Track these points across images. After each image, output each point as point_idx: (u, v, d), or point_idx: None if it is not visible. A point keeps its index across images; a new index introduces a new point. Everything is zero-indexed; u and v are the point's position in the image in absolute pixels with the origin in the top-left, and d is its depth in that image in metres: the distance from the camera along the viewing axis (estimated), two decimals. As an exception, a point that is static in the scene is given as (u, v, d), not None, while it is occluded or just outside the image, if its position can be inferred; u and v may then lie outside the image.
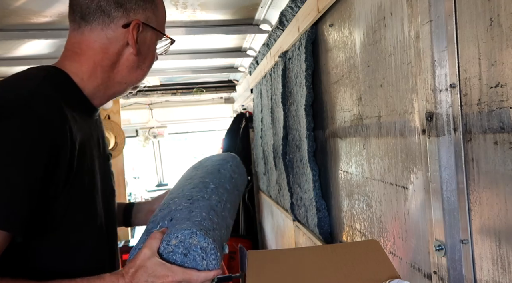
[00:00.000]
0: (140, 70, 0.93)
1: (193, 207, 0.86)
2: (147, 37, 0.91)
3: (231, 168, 1.04)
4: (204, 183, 0.95)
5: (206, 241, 0.78)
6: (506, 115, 0.70)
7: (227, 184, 0.98)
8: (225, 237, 0.90)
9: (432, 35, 0.85)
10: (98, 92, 0.89)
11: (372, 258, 0.90)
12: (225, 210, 0.92)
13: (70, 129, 0.74)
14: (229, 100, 5.54)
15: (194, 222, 0.81)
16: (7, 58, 2.96)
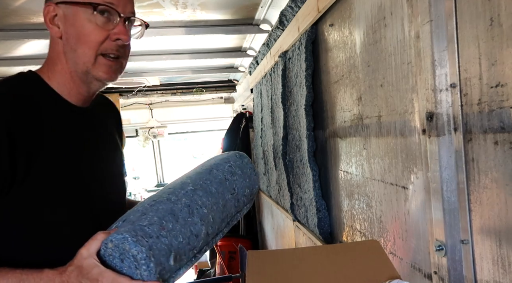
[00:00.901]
0: (75, 53, 0.86)
1: (150, 209, 0.82)
2: (70, 14, 0.86)
3: (229, 169, 0.98)
4: (183, 184, 0.91)
5: (136, 249, 0.74)
6: (506, 115, 0.70)
7: (212, 187, 0.91)
8: (188, 246, 0.84)
9: (432, 35, 0.85)
10: (65, 87, 0.90)
11: (372, 258, 0.90)
12: (194, 215, 0.85)
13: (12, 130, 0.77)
14: (229, 100, 5.54)
15: (136, 226, 0.77)
16: (7, 58, 2.96)
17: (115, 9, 0.85)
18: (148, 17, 2.28)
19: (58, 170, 0.85)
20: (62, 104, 0.90)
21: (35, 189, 0.81)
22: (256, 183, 1.03)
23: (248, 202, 1.03)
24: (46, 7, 0.87)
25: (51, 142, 0.85)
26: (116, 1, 0.86)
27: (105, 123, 1.05)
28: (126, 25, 0.88)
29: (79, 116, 0.93)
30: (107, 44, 0.87)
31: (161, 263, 0.77)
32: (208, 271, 4.16)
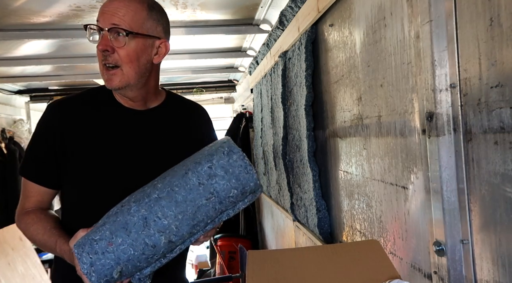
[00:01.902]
0: None
1: (110, 219, 0.91)
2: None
3: (207, 171, 0.90)
4: (152, 190, 0.92)
5: (80, 265, 0.88)
6: (506, 115, 0.70)
7: (179, 195, 0.89)
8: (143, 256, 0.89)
9: (432, 35, 0.85)
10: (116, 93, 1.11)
11: (372, 258, 0.90)
12: (151, 227, 0.87)
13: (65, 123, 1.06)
14: (229, 100, 5.54)
15: (88, 240, 0.90)
16: (7, 58, 2.96)
17: (98, 25, 1.03)
18: (148, 17, 2.28)
19: (91, 159, 1.07)
20: (116, 107, 1.12)
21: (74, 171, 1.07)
22: (250, 181, 0.93)
23: (242, 200, 0.96)
24: None
25: (95, 135, 1.08)
26: (101, 18, 1.03)
27: (172, 125, 1.17)
28: (109, 36, 1.02)
29: (131, 116, 1.12)
30: (100, 55, 1.04)
31: (105, 276, 0.88)
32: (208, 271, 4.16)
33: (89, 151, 1.07)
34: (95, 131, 1.08)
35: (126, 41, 1.02)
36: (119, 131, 1.11)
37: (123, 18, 1.02)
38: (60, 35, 2.38)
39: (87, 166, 1.07)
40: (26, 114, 4.64)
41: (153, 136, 1.13)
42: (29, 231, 1.08)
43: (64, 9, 2.08)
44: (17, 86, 4.34)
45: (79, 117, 1.08)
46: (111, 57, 1.03)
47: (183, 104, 1.25)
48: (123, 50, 1.02)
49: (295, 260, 0.91)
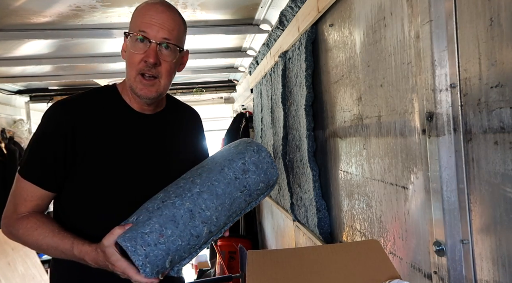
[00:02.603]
0: (127, 72, 1.08)
1: (155, 214, 0.93)
2: (127, 42, 1.08)
3: (241, 167, 1.01)
4: (192, 185, 0.98)
5: (134, 257, 0.89)
6: (506, 115, 0.70)
7: (219, 188, 0.97)
8: (188, 246, 0.94)
9: (432, 35, 0.85)
10: (130, 98, 1.12)
11: (372, 258, 0.90)
12: (196, 219, 0.93)
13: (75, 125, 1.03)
14: (229, 100, 5.54)
15: (138, 234, 0.91)
16: (7, 58, 2.96)
17: (146, 36, 1.03)
18: (148, 17, 2.28)
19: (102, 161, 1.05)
20: (126, 109, 1.12)
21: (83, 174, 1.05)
22: (273, 175, 1.06)
23: (264, 192, 1.07)
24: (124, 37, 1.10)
25: (105, 137, 1.07)
26: (149, 29, 1.03)
27: (174, 129, 1.20)
28: (157, 49, 1.03)
29: (140, 119, 1.13)
30: (141, 65, 1.04)
31: (157, 266, 0.91)
32: (208, 271, 4.16)
33: (101, 153, 1.06)
34: (107, 133, 1.07)
35: (172, 55, 1.06)
36: (130, 134, 1.10)
37: (172, 33, 1.05)
38: (60, 35, 2.38)
39: (98, 168, 1.05)
40: (26, 114, 4.64)
41: (159, 139, 1.15)
42: (31, 235, 1.02)
43: (64, 9, 2.08)
44: (17, 86, 4.34)
45: (90, 118, 1.06)
46: (155, 69, 1.05)
47: (182, 108, 1.29)
48: (167, 64, 1.06)
49: (295, 260, 0.91)
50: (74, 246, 0.99)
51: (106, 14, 2.19)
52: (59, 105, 1.07)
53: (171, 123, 1.20)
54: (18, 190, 1.06)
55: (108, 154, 1.07)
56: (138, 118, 1.13)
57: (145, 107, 1.13)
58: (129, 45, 1.05)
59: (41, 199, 1.05)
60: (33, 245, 1.04)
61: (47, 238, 1.01)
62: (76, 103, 1.08)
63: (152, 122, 1.15)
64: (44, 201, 1.06)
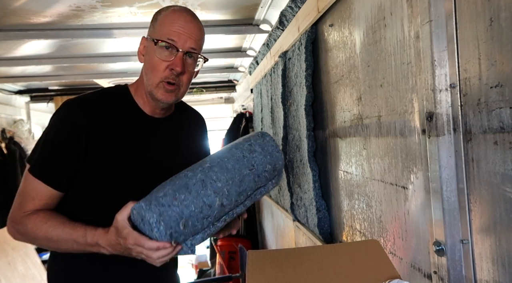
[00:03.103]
0: (147, 77, 1.08)
1: (168, 183, 0.98)
2: (148, 46, 1.09)
3: (248, 147, 1.07)
4: (202, 162, 1.04)
5: (149, 214, 0.91)
6: (506, 115, 0.70)
7: (229, 164, 1.02)
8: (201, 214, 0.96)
9: (432, 35, 0.85)
10: (142, 100, 1.13)
11: (372, 258, 0.90)
12: (208, 188, 0.97)
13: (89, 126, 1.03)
14: (229, 100, 5.54)
15: (152, 197, 0.94)
16: (7, 58, 2.96)
17: (174, 45, 1.04)
18: (148, 17, 2.28)
19: (113, 163, 1.06)
20: (137, 112, 1.13)
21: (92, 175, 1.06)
22: (279, 159, 1.10)
23: (272, 178, 1.10)
24: (142, 39, 1.13)
25: (117, 140, 1.07)
26: (177, 38, 1.05)
27: (178, 132, 1.21)
28: (184, 58, 1.06)
29: (151, 123, 1.14)
30: (167, 73, 1.05)
31: (171, 227, 0.92)
32: (208, 271, 4.17)
33: (111, 155, 1.06)
34: (118, 136, 1.08)
35: (194, 64, 1.10)
36: (141, 137, 1.12)
37: (198, 43, 1.10)
38: (60, 35, 2.38)
39: (108, 169, 1.06)
40: (26, 114, 4.64)
41: (168, 143, 1.17)
42: (41, 228, 1.01)
43: (64, 9, 2.08)
44: (17, 86, 4.34)
45: (104, 119, 1.07)
46: (178, 78, 1.07)
47: (189, 112, 1.31)
48: (189, 73, 1.10)
49: (295, 260, 0.92)
50: (87, 233, 0.99)
51: (106, 14, 2.19)
52: (74, 104, 1.06)
53: (179, 127, 1.22)
54: (27, 188, 1.04)
55: (119, 156, 1.07)
56: (149, 122, 1.14)
57: (157, 110, 1.14)
58: (153, 51, 1.06)
59: (50, 199, 1.05)
60: (42, 238, 1.03)
61: (58, 229, 1.01)
62: (90, 103, 1.07)
63: (162, 126, 1.17)
64: (53, 201, 1.06)
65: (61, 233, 1.00)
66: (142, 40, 1.13)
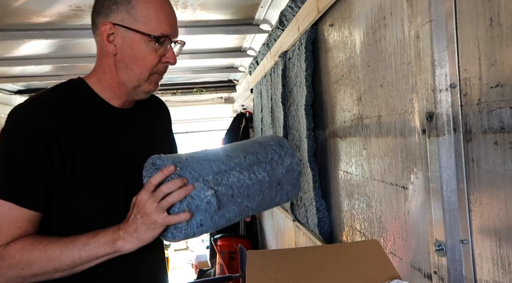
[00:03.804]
0: (129, 70, 0.98)
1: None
2: (127, 37, 0.96)
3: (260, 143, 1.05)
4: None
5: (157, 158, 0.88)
6: (506, 115, 0.70)
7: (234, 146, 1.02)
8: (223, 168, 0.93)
9: (432, 35, 0.85)
10: (110, 93, 1.02)
11: (372, 258, 0.90)
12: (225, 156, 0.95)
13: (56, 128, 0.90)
14: (229, 100, 5.54)
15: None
16: (7, 58, 2.96)
17: (170, 39, 0.98)
18: (148, 17, 2.28)
19: (95, 166, 0.95)
20: (104, 107, 1.02)
21: (75, 182, 0.92)
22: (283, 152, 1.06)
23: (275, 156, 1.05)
24: (103, 25, 0.96)
25: (92, 139, 0.96)
26: (172, 32, 0.98)
27: (150, 119, 1.14)
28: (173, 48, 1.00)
29: (121, 115, 1.04)
30: (160, 66, 0.99)
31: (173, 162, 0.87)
32: (208, 271, 4.17)
33: (92, 156, 0.95)
34: (93, 134, 0.97)
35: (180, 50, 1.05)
36: (115, 132, 1.02)
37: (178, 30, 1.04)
38: (60, 35, 2.38)
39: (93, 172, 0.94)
40: (26, 114, 4.63)
41: (142, 134, 1.09)
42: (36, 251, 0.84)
43: (64, 9, 2.08)
44: (17, 86, 4.34)
45: (71, 119, 0.93)
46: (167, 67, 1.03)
47: (152, 98, 1.20)
48: None
49: (295, 260, 0.91)
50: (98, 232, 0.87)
51: (106, 14, 2.19)
52: (31, 107, 0.91)
53: (148, 116, 1.14)
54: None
55: (99, 155, 0.96)
56: (119, 115, 1.04)
57: (127, 103, 1.05)
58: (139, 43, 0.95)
59: (30, 223, 0.87)
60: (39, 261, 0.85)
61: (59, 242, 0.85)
62: (50, 103, 0.93)
63: (133, 117, 1.07)
64: (34, 226, 0.88)
65: (64, 245, 0.85)
66: (106, 27, 0.95)
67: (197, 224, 0.88)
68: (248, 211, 0.97)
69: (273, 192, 1.01)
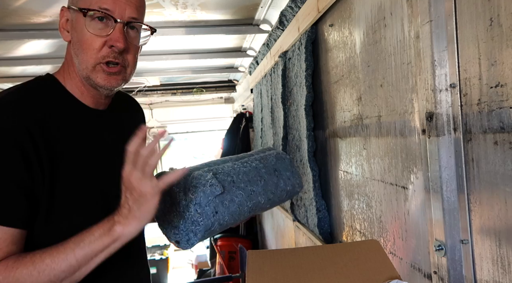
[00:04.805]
0: (78, 58, 0.86)
1: None
2: (74, 20, 0.86)
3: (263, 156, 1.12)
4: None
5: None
6: (506, 115, 0.70)
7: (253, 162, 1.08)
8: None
9: (432, 35, 0.85)
10: (79, 91, 0.91)
11: (372, 258, 0.90)
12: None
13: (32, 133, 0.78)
14: (229, 100, 5.54)
15: None
16: (7, 58, 2.96)
17: (110, 15, 0.83)
18: (148, 17, 2.28)
19: (75, 177, 0.86)
20: (78, 108, 0.91)
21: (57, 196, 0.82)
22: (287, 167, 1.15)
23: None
24: (61, 11, 0.88)
25: (70, 147, 0.86)
26: (112, 6, 0.83)
27: (125, 124, 1.03)
28: (124, 30, 0.85)
29: (96, 118, 0.94)
30: (105, 51, 0.85)
31: None
32: (208, 271, 4.17)
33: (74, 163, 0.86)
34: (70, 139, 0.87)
35: (138, 38, 0.88)
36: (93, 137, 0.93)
37: (140, 10, 0.87)
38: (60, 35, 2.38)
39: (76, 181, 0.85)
40: (26, 114, 4.63)
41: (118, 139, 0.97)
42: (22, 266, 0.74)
43: (64, 9, 2.07)
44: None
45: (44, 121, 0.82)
46: (122, 56, 0.86)
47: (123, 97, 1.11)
48: (134, 48, 0.89)
49: (295, 260, 0.92)
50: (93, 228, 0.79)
51: (106, 14, 2.19)
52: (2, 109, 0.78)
53: (123, 119, 1.04)
54: None
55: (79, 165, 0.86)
56: (94, 117, 0.93)
57: (101, 101, 0.94)
58: (82, 24, 0.83)
59: (15, 244, 0.76)
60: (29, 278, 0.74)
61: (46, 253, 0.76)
62: (21, 104, 0.81)
63: (109, 120, 0.98)
64: (19, 246, 0.77)
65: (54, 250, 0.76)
66: (63, 12, 0.88)
67: (212, 211, 0.90)
68: (258, 196, 1.01)
69: (273, 178, 1.07)
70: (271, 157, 1.12)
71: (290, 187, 1.11)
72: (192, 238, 0.90)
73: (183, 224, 0.90)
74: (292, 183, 1.11)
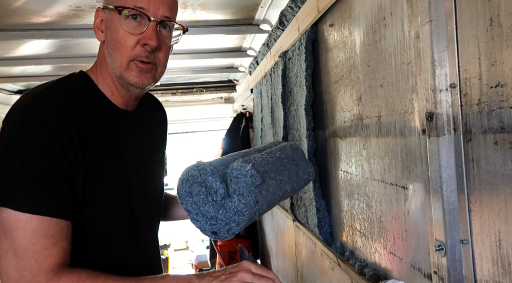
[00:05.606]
0: (112, 57, 0.88)
1: None
2: (109, 19, 0.88)
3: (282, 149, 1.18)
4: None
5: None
6: (506, 115, 0.70)
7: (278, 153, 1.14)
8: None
9: (432, 35, 0.85)
10: (111, 90, 0.93)
11: None
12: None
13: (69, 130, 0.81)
14: (229, 100, 5.54)
15: None
16: (7, 58, 2.96)
17: (145, 13, 0.84)
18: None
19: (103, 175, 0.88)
20: (109, 107, 0.93)
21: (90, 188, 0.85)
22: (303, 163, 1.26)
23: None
24: (96, 11, 0.90)
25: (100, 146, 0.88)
26: (146, 5, 0.84)
27: (150, 126, 1.06)
28: (157, 29, 0.86)
29: (124, 120, 0.96)
30: (138, 50, 0.86)
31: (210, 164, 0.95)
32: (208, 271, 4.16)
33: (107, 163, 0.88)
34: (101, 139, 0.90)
35: (170, 37, 0.90)
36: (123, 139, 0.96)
37: (173, 10, 0.88)
38: (60, 35, 2.38)
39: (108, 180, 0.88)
40: (26, 114, 4.63)
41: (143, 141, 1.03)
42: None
43: (64, 9, 2.07)
44: (17, 86, 4.34)
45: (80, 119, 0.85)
46: (153, 54, 0.87)
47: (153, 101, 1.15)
48: (166, 47, 0.90)
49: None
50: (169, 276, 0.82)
51: (106, 14, 2.19)
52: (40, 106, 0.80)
53: (150, 121, 1.08)
54: (26, 239, 0.72)
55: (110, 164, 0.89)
56: (124, 118, 0.96)
57: (130, 102, 0.97)
58: (117, 23, 0.84)
59: (64, 238, 0.77)
60: None
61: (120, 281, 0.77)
62: (61, 101, 0.84)
63: (137, 122, 1.01)
64: (68, 240, 0.78)
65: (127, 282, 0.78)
66: (98, 13, 0.90)
67: (254, 201, 0.93)
68: (285, 185, 1.07)
69: (294, 168, 1.15)
70: (287, 148, 1.19)
71: (307, 176, 1.19)
72: (234, 228, 0.91)
73: (222, 214, 0.90)
74: (308, 172, 1.21)
